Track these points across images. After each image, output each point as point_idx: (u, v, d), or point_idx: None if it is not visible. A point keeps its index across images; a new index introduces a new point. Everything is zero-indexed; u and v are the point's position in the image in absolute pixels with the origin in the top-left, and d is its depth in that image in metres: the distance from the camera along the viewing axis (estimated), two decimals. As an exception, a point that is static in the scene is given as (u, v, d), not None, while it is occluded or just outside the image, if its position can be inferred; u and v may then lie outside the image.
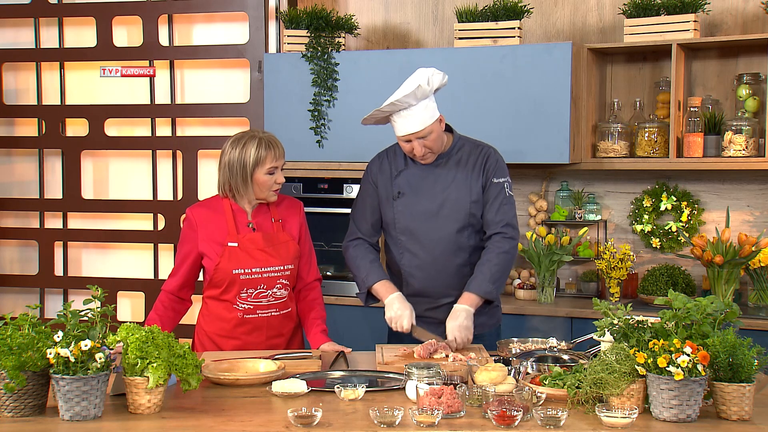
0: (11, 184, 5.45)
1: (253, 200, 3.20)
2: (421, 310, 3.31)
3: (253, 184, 3.13)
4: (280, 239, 3.22)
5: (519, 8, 4.43)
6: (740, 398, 2.33)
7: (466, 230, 3.27)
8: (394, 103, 3.13)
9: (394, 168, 3.35)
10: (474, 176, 3.27)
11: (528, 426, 2.30)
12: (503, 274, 3.25)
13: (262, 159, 3.10)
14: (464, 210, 3.26)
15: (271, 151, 3.11)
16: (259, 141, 3.11)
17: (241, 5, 4.95)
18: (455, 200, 3.26)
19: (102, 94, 5.26)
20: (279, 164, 3.14)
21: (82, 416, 2.33)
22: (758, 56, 4.26)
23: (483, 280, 3.19)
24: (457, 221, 3.26)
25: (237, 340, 3.20)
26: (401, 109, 3.15)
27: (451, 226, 3.26)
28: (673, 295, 2.46)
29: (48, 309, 5.28)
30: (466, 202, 3.26)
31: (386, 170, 3.36)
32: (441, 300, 3.31)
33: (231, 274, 3.12)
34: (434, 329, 3.25)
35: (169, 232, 5.10)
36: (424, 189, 3.29)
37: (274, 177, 3.14)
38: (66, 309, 2.45)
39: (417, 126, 3.15)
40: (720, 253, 4.03)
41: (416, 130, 3.15)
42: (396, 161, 3.36)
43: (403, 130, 3.18)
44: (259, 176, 3.12)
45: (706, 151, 4.20)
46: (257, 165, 3.10)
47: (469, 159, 3.30)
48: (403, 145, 3.23)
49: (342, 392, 2.52)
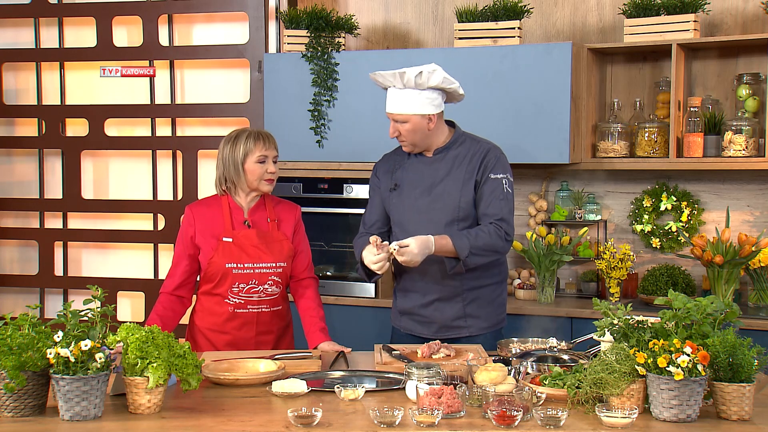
0: (11, 184, 5.45)
1: (248, 191, 3.30)
2: (410, 306, 3.34)
3: (245, 173, 3.27)
4: (275, 237, 3.31)
5: (519, 8, 4.43)
6: (740, 398, 2.33)
7: (455, 225, 3.26)
8: (379, 73, 3.26)
9: (397, 162, 3.42)
10: (469, 171, 3.28)
11: (528, 426, 2.30)
12: (484, 252, 3.18)
13: (251, 149, 3.26)
14: (454, 204, 3.26)
15: (261, 142, 3.28)
16: (249, 134, 3.31)
17: (241, 5, 4.95)
18: (446, 194, 3.28)
19: (102, 94, 5.26)
20: (269, 154, 3.28)
21: (82, 416, 2.33)
22: (758, 56, 4.26)
23: (463, 236, 3.16)
24: (446, 215, 3.26)
25: (227, 335, 3.27)
26: (388, 86, 3.27)
27: (440, 220, 3.26)
28: (673, 295, 2.47)
29: (48, 309, 5.27)
30: (456, 196, 3.26)
31: (389, 165, 3.44)
32: (429, 296, 3.31)
33: (224, 268, 3.22)
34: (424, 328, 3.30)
35: (169, 232, 5.09)
36: (417, 182, 3.33)
37: (264, 166, 3.27)
38: (66, 309, 2.45)
39: (394, 108, 3.26)
40: (720, 253, 4.03)
41: (392, 111, 3.27)
42: (401, 156, 3.43)
43: (387, 106, 3.30)
44: (249, 165, 3.26)
45: (706, 151, 4.20)
46: (247, 155, 3.26)
47: (467, 154, 3.31)
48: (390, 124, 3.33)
49: (342, 392, 2.52)
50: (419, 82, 3.19)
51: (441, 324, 3.33)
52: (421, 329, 3.36)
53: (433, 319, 3.33)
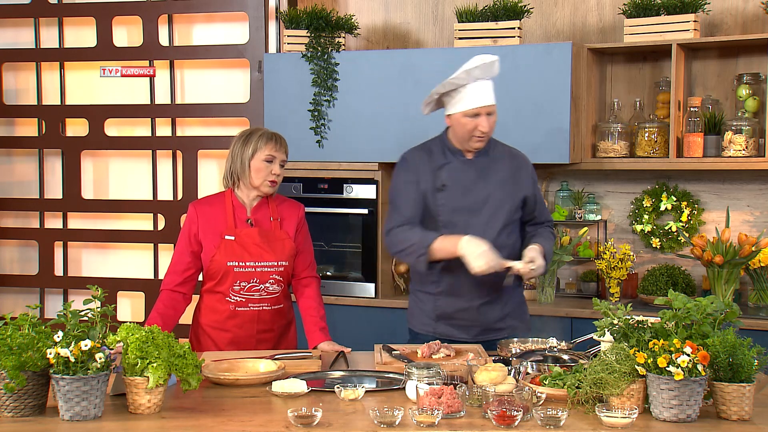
0: (11, 184, 5.45)
1: (250, 188, 3.29)
2: (453, 310, 3.29)
3: (250, 170, 3.26)
4: (277, 236, 3.30)
5: (519, 8, 4.43)
6: (740, 398, 2.33)
7: (507, 228, 3.28)
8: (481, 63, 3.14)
9: (436, 161, 3.29)
10: (518, 183, 3.30)
11: (528, 426, 2.30)
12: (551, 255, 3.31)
13: (261, 147, 3.26)
14: (506, 209, 3.27)
15: (272, 142, 3.27)
16: (263, 133, 3.30)
17: (241, 5, 4.95)
18: (499, 198, 3.26)
19: (102, 94, 5.26)
20: (277, 156, 3.27)
21: (82, 416, 2.33)
22: (758, 56, 4.26)
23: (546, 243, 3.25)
24: (498, 219, 3.25)
25: (228, 333, 3.28)
26: (481, 77, 3.16)
27: (495, 224, 3.25)
28: (673, 295, 2.46)
29: (48, 309, 5.27)
30: (508, 202, 3.27)
31: (427, 163, 3.29)
32: (476, 300, 3.28)
33: (225, 266, 3.22)
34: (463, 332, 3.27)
35: (169, 232, 5.10)
36: (467, 184, 3.27)
37: (270, 166, 3.26)
38: (66, 309, 2.45)
39: (491, 98, 3.17)
40: (720, 253, 4.03)
41: (491, 102, 3.17)
42: (436, 156, 3.31)
43: (475, 101, 3.16)
44: (255, 162, 3.25)
45: (706, 151, 4.20)
46: (256, 152, 3.25)
47: (505, 159, 3.33)
48: (466, 122, 3.17)
49: (342, 392, 2.52)
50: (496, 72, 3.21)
51: (483, 326, 3.29)
52: (460, 333, 3.29)
53: (475, 323, 3.29)
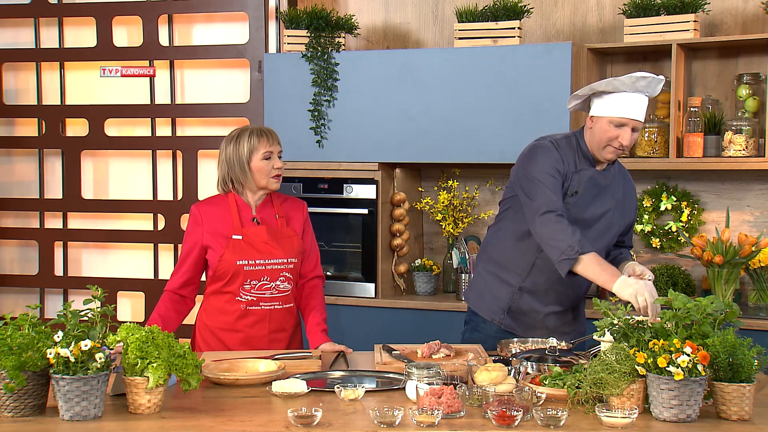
0: (11, 184, 5.45)
1: (255, 190, 3.26)
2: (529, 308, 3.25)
3: (252, 172, 3.23)
4: (284, 233, 3.28)
5: (519, 8, 4.43)
6: (740, 398, 2.33)
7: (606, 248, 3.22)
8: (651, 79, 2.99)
9: (572, 165, 3.13)
10: (627, 201, 3.26)
11: (528, 426, 2.30)
12: None
13: (255, 146, 3.22)
14: (614, 230, 3.22)
15: (264, 138, 3.24)
16: (251, 131, 3.26)
17: (241, 5, 4.95)
18: (610, 217, 3.19)
19: (102, 94, 5.26)
20: (274, 149, 3.25)
21: (82, 416, 2.33)
22: (758, 56, 4.26)
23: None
24: (605, 239, 3.19)
25: (240, 333, 3.23)
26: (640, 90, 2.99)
27: (601, 243, 3.16)
28: (673, 295, 2.46)
29: (48, 309, 5.28)
30: (617, 223, 3.22)
31: (571, 162, 3.14)
32: (554, 305, 3.25)
33: (235, 266, 3.18)
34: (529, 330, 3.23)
35: (169, 232, 5.10)
36: (596, 197, 3.17)
37: (271, 162, 3.23)
38: (66, 309, 2.45)
39: (642, 115, 3.01)
40: (720, 253, 4.03)
41: (641, 118, 3.01)
42: (573, 159, 3.15)
43: (627, 111, 2.99)
44: (255, 163, 3.22)
45: (706, 151, 4.20)
46: (252, 152, 3.22)
47: (621, 179, 3.25)
48: (608, 129, 3.03)
49: (342, 392, 2.52)
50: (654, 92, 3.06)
51: (551, 329, 3.25)
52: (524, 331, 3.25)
53: (545, 325, 3.26)
